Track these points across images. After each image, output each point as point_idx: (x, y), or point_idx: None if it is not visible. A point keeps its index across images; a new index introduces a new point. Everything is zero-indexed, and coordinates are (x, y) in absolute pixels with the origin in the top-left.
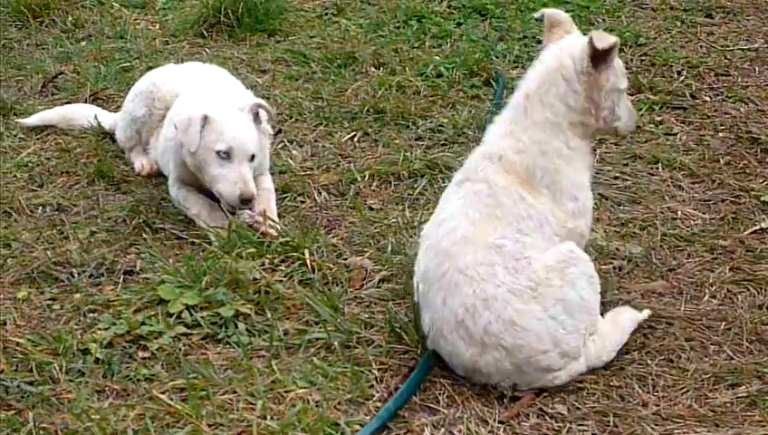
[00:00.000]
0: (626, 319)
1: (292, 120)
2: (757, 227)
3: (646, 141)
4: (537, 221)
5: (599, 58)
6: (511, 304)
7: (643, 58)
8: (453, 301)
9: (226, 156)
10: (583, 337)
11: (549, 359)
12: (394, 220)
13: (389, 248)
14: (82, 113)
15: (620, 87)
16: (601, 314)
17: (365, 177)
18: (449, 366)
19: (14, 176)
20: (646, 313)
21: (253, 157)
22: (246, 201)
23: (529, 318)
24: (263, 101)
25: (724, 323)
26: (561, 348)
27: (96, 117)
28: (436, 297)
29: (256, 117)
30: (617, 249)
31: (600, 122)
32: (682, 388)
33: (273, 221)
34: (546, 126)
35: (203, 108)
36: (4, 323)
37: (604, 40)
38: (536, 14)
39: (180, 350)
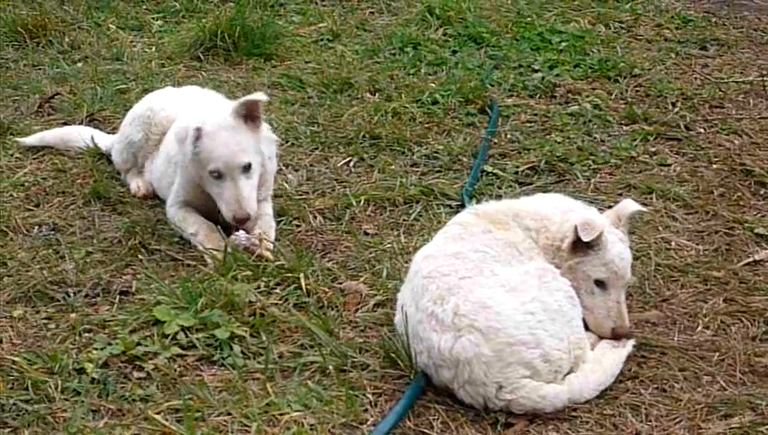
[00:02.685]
0: (610, 361)
1: (288, 144)
2: (751, 259)
3: (640, 172)
4: (505, 244)
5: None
6: (479, 289)
7: (638, 89)
8: (422, 302)
9: (218, 175)
10: (568, 353)
11: (531, 354)
12: (389, 245)
13: (384, 273)
14: (80, 135)
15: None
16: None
17: (360, 202)
18: (436, 384)
19: (11, 195)
20: (629, 344)
21: (248, 166)
22: (241, 221)
23: (502, 304)
24: (250, 97)
25: (717, 353)
26: (543, 349)
27: (93, 138)
28: (409, 309)
29: (252, 120)
30: None
31: None
32: (675, 418)
33: (270, 242)
34: None
35: (197, 120)
36: (1, 341)
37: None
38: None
39: (175, 371)
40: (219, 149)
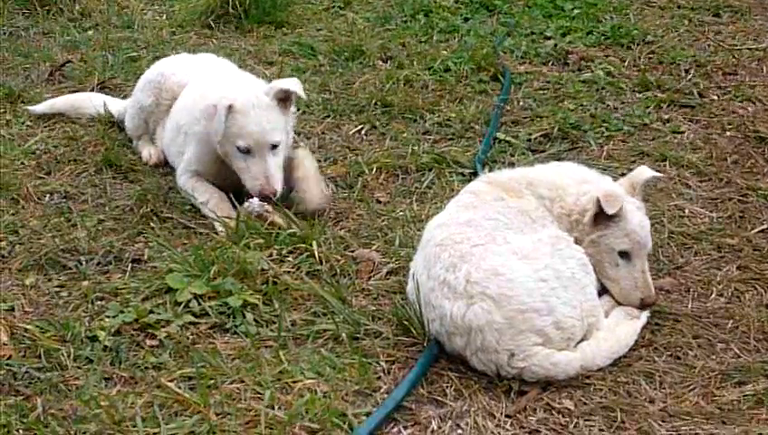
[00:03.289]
0: (624, 332)
1: (300, 112)
2: (764, 226)
3: (653, 139)
4: (518, 212)
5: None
6: (491, 256)
7: (651, 56)
8: (434, 270)
9: (247, 151)
10: (581, 321)
11: (543, 322)
12: (402, 213)
13: (397, 241)
14: (90, 102)
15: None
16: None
17: (372, 170)
18: (449, 352)
19: (22, 163)
20: (644, 316)
21: (277, 145)
22: (267, 197)
23: (515, 271)
24: (289, 85)
25: (731, 321)
26: (556, 317)
27: (105, 105)
28: (421, 277)
29: (284, 101)
30: None
31: None
32: (689, 385)
33: (282, 212)
34: None
35: (230, 96)
36: (12, 310)
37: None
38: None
39: (188, 339)
40: (251, 126)
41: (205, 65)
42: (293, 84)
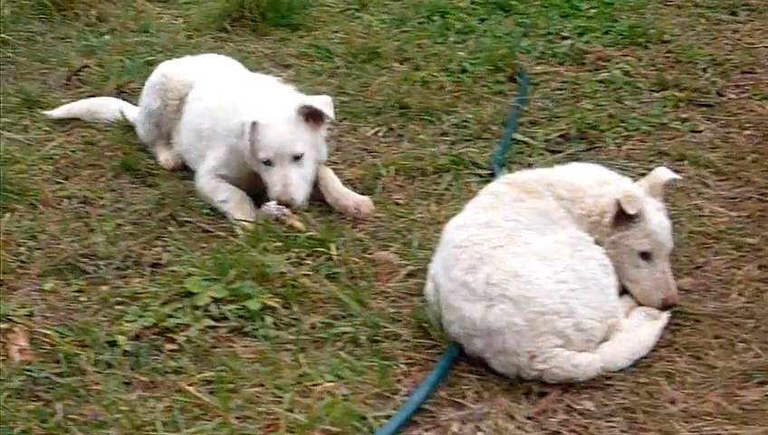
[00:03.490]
0: (644, 332)
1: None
2: None
3: (671, 138)
4: (537, 213)
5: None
6: (511, 258)
7: (668, 55)
8: (453, 271)
9: (268, 162)
10: (601, 322)
11: (564, 323)
12: (420, 215)
13: (415, 243)
14: (108, 107)
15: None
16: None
17: (390, 172)
18: (469, 354)
19: (40, 168)
20: (665, 316)
21: (300, 156)
22: (285, 204)
23: (534, 272)
24: (316, 103)
25: (752, 320)
26: (576, 318)
27: (122, 111)
28: (440, 279)
29: (313, 117)
30: None
31: None
32: (710, 385)
33: (301, 213)
34: None
35: (253, 114)
36: (32, 315)
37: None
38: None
39: (207, 342)
40: (272, 138)
41: (210, 65)
42: (320, 102)
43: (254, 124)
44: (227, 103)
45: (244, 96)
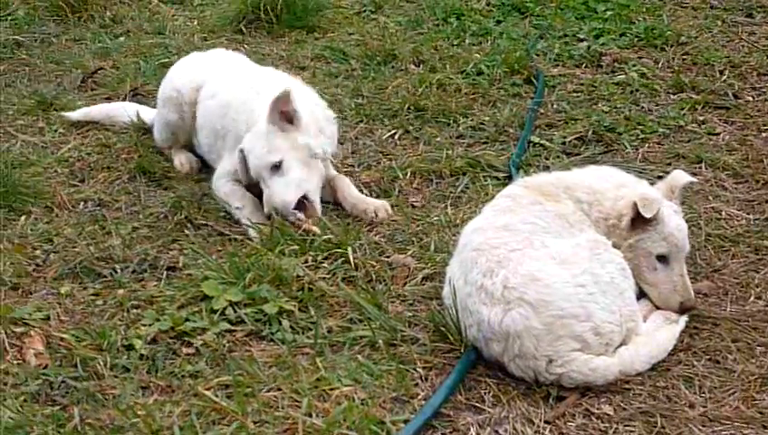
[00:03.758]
0: (663, 336)
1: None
2: None
3: (689, 141)
4: (555, 216)
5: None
6: (529, 261)
7: (684, 57)
8: (471, 275)
9: (258, 179)
10: (619, 326)
11: (582, 327)
12: (436, 218)
13: (432, 246)
14: (125, 111)
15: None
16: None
17: (407, 174)
18: (486, 358)
19: (55, 171)
20: (683, 320)
21: (278, 165)
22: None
23: (553, 276)
24: (276, 95)
25: None
26: (594, 322)
27: (138, 114)
28: (458, 282)
29: (285, 117)
30: None
31: None
32: (729, 389)
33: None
34: None
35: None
36: (48, 319)
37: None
38: None
39: (224, 346)
40: (252, 159)
41: (218, 61)
42: (281, 90)
43: (240, 151)
44: (239, 102)
45: (254, 93)
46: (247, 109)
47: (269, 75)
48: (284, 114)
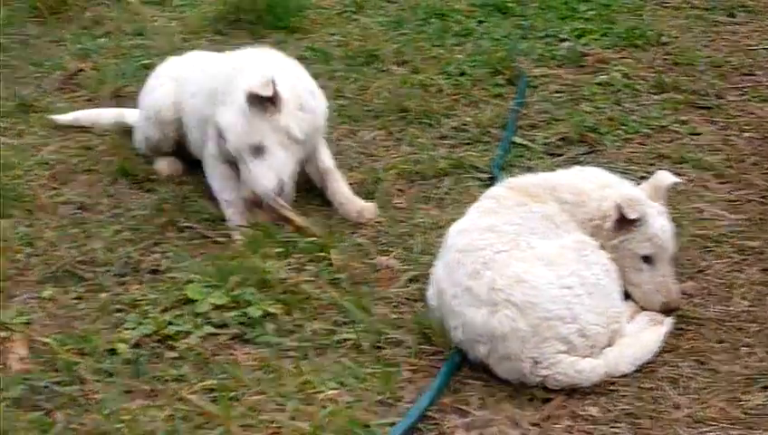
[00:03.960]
0: (648, 337)
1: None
2: None
3: (671, 141)
4: (541, 217)
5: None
6: (515, 263)
7: (666, 57)
8: (455, 276)
9: (236, 158)
10: (605, 328)
11: (568, 329)
12: (420, 220)
13: (416, 248)
14: (114, 117)
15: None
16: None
17: (390, 176)
18: (472, 360)
19: (36, 174)
20: (668, 322)
21: (260, 148)
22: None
23: (539, 278)
24: (254, 85)
25: (755, 324)
26: (581, 324)
27: (123, 117)
28: (443, 284)
29: (266, 100)
30: None
31: None
32: (714, 390)
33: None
34: None
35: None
36: (31, 323)
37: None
38: None
39: (208, 350)
40: (230, 134)
41: (196, 64)
42: (259, 87)
43: (218, 130)
44: (223, 83)
45: (237, 71)
46: (233, 88)
47: (249, 53)
48: (264, 97)
